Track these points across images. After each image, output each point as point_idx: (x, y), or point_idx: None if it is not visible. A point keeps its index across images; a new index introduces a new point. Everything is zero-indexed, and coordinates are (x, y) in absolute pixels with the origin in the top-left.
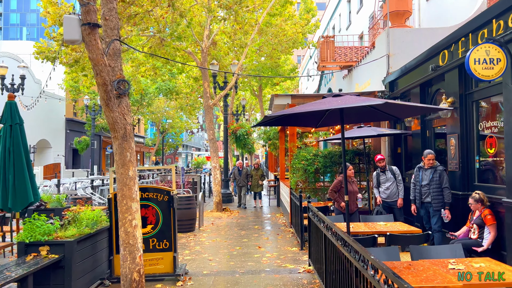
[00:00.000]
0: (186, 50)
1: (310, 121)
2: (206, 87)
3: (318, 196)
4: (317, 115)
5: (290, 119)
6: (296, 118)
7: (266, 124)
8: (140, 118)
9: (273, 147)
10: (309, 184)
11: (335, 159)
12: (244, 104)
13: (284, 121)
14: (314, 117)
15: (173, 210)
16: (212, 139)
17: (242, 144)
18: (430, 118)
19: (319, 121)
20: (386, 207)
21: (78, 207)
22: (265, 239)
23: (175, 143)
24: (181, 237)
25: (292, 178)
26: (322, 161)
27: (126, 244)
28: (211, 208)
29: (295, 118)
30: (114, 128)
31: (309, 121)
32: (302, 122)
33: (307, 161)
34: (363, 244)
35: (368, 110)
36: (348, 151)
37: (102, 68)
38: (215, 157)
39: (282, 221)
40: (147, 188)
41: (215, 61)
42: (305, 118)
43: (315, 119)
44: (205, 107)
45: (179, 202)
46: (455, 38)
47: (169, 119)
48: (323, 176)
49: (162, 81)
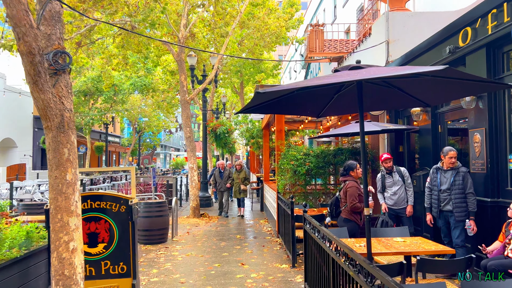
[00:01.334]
0: (161, 40)
1: (311, 107)
2: (182, 80)
3: (309, 201)
4: (322, 99)
5: (285, 104)
6: (294, 103)
7: (255, 108)
8: (114, 116)
9: (256, 146)
10: (299, 187)
11: (328, 159)
12: (224, 101)
13: (278, 107)
14: (318, 102)
15: (132, 224)
16: (189, 137)
17: (223, 143)
18: (442, 111)
19: (323, 107)
20: (393, 215)
21: (4, 221)
22: (249, 253)
23: (152, 143)
24: (149, 251)
25: (280, 180)
26: (314, 161)
27: (59, 276)
28: (188, 214)
29: (292, 103)
30: (46, 115)
31: (310, 107)
32: (301, 108)
33: (297, 161)
34: (387, 272)
35: (393, 93)
36: (343, 150)
37: (27, 30)
38: (193, 157)
39: (267, 228)
40: (100, 196)
41: (193, 52)
42: (306, 103)
43: (318, 104)
44: (182, 102)
45: (148, 209)
46: (482, 11)
47: (146, 118)
48: (315, 178)
49: (137, 77)
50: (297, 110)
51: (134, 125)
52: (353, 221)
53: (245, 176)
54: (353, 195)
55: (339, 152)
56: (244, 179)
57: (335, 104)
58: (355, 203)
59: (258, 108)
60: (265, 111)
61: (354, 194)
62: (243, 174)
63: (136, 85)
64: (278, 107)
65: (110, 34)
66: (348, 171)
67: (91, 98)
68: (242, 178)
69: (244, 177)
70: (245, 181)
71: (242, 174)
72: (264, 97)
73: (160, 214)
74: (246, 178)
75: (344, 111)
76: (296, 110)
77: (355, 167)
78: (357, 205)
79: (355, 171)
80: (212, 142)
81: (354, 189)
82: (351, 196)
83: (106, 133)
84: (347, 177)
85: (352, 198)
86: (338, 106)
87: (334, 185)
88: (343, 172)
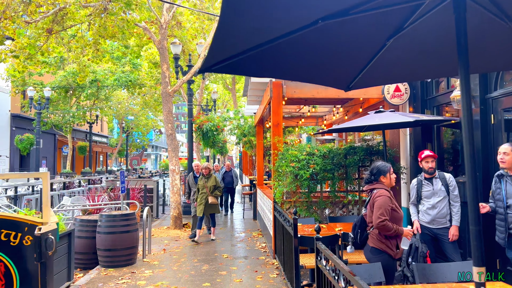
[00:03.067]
0: (140, 24)
1: (341, 67)
2: (164, 70)
3: (314, 214)
4: (361, 53)
5: (297, 63)
6: (311, 63)
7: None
8: (98, 114)
9: (249, 145)
10: (302, 195)
11: (338, 159)
12: (215, 98)
13: (285, 67)
14: (355, 58)
15: (42, 267)
16: (170, 135)
17: (211, 142)
18: (495, 96)
19: (362, 67)
20: (429, 237)
21: None
22: (237, 283)
23: (141, 143)
24: (110, 278)
25: (277, 187)
26: (320, 162)
27: None
28: (168, 224)
29: (308, 63)
30: None
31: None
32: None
33: (298, 163)
34: None
35: None
36: (356, 149)
37: None
38: (174, 157)
39: (261, 244)
40: None
41: (177, 40)
42: (332, 60)
43: (353, 64)
44: (163, 95)
45: (112, 223)
46: None
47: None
48: (321, 184)
49: (122, 72)
50: (315, 74)
51: (121, 124)
52: (384, 251)
53: (216, 184)
54: (383, 207)
55: (351, 151)
56: (214, 189)
57: (384, 62)
58: (384, 220)
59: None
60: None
61: (383, 206)
62: (212, 181)
63: (121, 81)
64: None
65: (85, 19)
66: (377, 176)
67: (73, 95)
68: (211, 186)
69: (214, 185)
70: (216, 191)
71: (211, 182)
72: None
73: (126, 230)
74: (216, 187)
75: (401, 75)
76: (312, 74)
77: (387, 170)
78: (387, 225)
79: (387, 176)
80: (199, 141)
81: (384, 199)
82: (379, 209)
83: (90, 133)
84: (375, 184)
85: (380, 212)
86: (390, 66)
87: (345, 193)
88: (370, 178)
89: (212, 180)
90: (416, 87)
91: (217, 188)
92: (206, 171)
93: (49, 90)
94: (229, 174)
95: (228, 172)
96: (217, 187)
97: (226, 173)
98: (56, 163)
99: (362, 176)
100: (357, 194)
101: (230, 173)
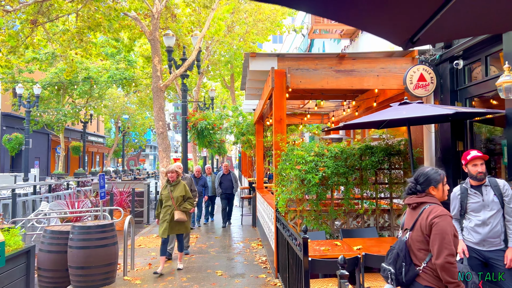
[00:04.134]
0: (129, 14)
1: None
2: (156, 63)
3: (324, 226)
4: None
5: None
6: None
7: None
8: (92, 113)
9: (248, 145)
10: (309, 204)
11: (352, 162)
12: (213, 96)
13: None
14: None
15: None
16: (161, 134)
17: (207, 142)
18: None
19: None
20: (478, 262)
21: None
22: None
23: (138, 143)
24: None
25: (280, 193)
26: (331, 165)
27: None
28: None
29: None
30: None
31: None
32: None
33: (306, 165)
34: None
35: None
36: (373, 149)
37: None
38: (166, 158)
39: (261, 257)
40: None
41: (170, 31)
42: None
43: None
44: (154, 90)
45: (86, 235)
46: None
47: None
48: (331, 191)
49: (116, 69)
50: (366, 15)
51: (117, 123)
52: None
53: (185, 193)
54: (447, 236)
55: (368, 151)
56: (183, 200)
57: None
58: (453, 263)
59: None
60: None
61: (448, 235)
62: (180, 190)
63: (115, 78)
64: None
65: (71, 10)
66: (425, 187)
67: (66, 93)
68: (178, 197)
69: (183, 195)
70: (186, 204)
71: (178, 191)
72: None
73: (103, 243)
74: (186, 198)
75: (495, 22)
76: (363, 14)
77: (440, 180)
78: (454, 268)
79: (439, 187)
80: (194, 140)
81: (447, 223)
82: (442, 239)
83: (83, 132)
84: (424, 197)
85: (446, 246)
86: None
87: (360, 200)
88: (415, 188)
89: (180, 189)
90: (444, 75)
91: (188, 199)
92: (172, 176)
93: (39, 88)
94: (227, 178)
95: (226, 175)
96: (187, 198)
97: (224, 176)
98: (49, 163)
99: (380, 180)
100: (374, 202)
101: (228, 176)
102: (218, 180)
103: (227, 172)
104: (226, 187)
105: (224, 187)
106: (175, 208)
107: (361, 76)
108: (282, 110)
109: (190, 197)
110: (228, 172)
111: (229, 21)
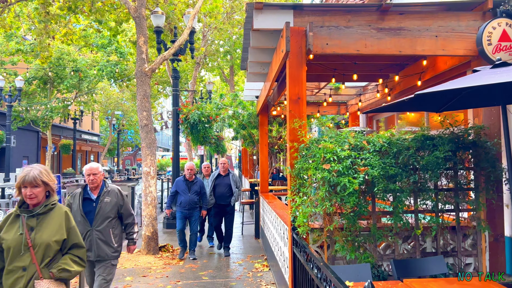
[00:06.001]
0: None
1: None
2: (141, 44)
3: (367, 254)
4: None
5: None
6: None
7: None
8: (82, 109)
9: (249, 140)
10: (344, 220)
11: (405, 158)
12: (210, 89)
13: None
14: None
15: None
16: (145, 126)
17: (201, 137)
18: None
19: None
20: None
21: None
22: None
23: (134, 142)
24: None
25: (300, 205)
26: (376, 163)
27: None
28: (140, 247)
29: None
30: None
31: None
32: None
33: (338, 164)
34: None
35: None
36: (435, 140)
37: None
38: (149, 155)
39: (268, 286)
40: None
41: (159, 9)
42: None
43: None
44: (137, 74)
45: None
46: None
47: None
48: (373, 201)
49: (106, 61)
50: None
51: (111, 121)
52: None
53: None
54: None
55: (428, 142)
56: (60, 252)
57: None
58: None
59: None
60: None
61: None
62: (53, 226)
63: (105, 71)
64: None
65: None
66: None
67: (53, 87)
68: (45, 246)
69: (55, 240)
70: (68, 262)
71: (49, 228)
72: None
73: None
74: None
75: None
76: None
77: None
78: None
79: None
80: (187, 136)
81: None
82: None
83: (74, 130)
84: None
85: None
86: None
87: (415, 214)
88: None
89: (54, 224)
90: None
91: (70, 251)
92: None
93: (21, 80)
94: (224, 181)
95: (223, 176)
96: (77, 245)
97: (220, 178)
98: (39, 163)
99: (443, 185)
100: (434, 216)
101: (226, 179)
102: (211, 183)
103: (226, 173)
104: (221, 195)
105: (219, 194)
106: (39, 275)
107: (412, 36)
108: (301, 85)
109: (79, 245)
110: (226, 173)
111: (228, 8)
